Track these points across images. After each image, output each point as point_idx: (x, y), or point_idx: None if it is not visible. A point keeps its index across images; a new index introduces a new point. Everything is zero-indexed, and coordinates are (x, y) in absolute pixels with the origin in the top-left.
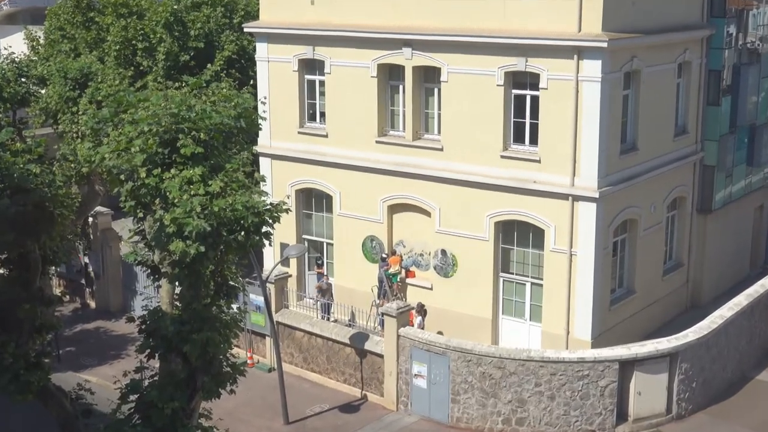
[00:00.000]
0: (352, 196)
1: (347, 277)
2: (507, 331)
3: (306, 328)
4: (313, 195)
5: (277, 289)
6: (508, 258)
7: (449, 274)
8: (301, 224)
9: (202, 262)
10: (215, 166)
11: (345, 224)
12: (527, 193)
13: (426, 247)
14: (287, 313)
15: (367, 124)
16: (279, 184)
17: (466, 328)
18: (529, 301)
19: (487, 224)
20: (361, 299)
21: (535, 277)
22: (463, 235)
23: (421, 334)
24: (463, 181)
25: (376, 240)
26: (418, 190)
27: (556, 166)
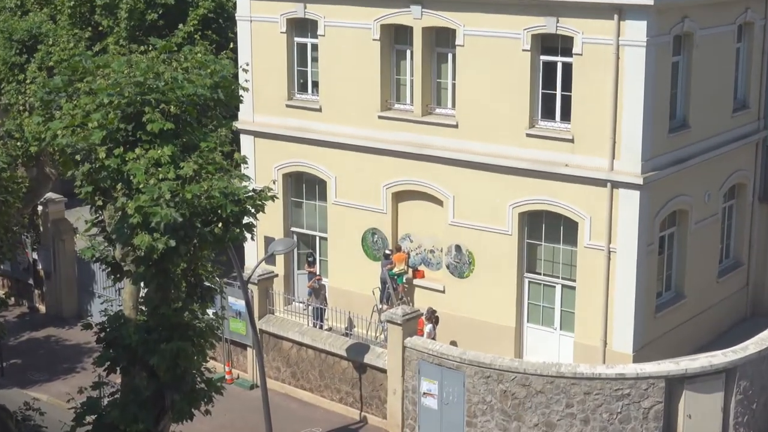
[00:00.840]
0: (349, 181)
1: (344, 277)
2: (533, 342)
3: (295, 338)
4: (303, 180)
5: (260, 292)
6: (534, 255)
7: (465, 274)
8: (289, 215)
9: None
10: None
11: (341, 215)
12: (558, 179)
13: (437, 243)
14: (273, 319)
15: (368, 96)
16: (263, 166)
17: (484, 338)
18: (560, 306)
19: (510, 215)
20: (360, 304)
21: (567, 279)
22: (482, 228)
23: (431, 345)
24: (482, 164)
25: (379, 234)
26: (428, 174)
27: (593, 146)
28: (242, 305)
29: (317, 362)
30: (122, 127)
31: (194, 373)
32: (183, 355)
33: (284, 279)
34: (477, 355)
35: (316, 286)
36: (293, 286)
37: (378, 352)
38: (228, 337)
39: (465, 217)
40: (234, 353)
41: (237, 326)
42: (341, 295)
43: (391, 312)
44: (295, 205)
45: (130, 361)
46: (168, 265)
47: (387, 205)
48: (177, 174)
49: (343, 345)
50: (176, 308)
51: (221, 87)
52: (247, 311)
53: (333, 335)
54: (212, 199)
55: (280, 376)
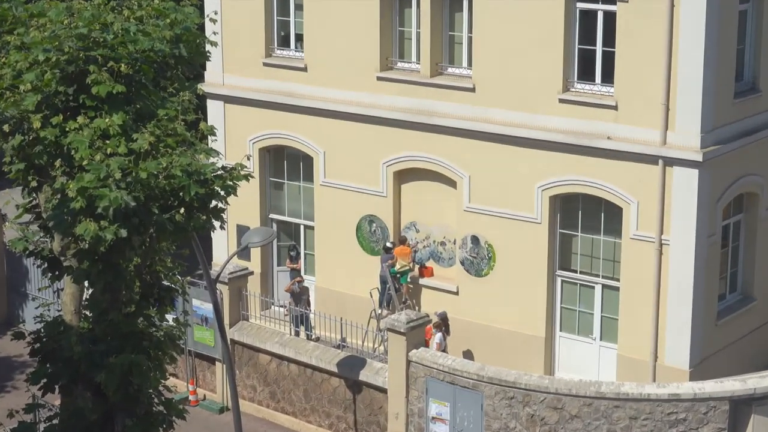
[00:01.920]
0: (341, 157)
1: (335, 276)
2: (567, 355)
3: (274, 350)
4: (285, 156)
5: (232, 293)
6: (569, 248)
7: (483, 271)
8: (267, 198)
9: (123, 252)
10: (142, 112)
11: (332, 199)
12: (597, 154)
13: (450, 233)
14: (247, 327)
15: (365, 52)
16: (235, 139)
17: (507, 350)
18: (600, 311)
19: (539, 199)
20: (355, 308)
21: (609, 277)
22: (504, 215)
23: (441, 360)
24: (504, 136)
25: (377, 222)
26: (438, 149)
27: (640, 114)
28: (209, 310)
29: (302, 380)
30: (61, 90)
31: (150, 392)
32: (136, 371)
33: (261, 277)
34: (498, 372)
35: (296, 290)
36: (272, 286)
37: (376, 367)
38: (192, 349)
39: (483, 201)
40: (199, 369)
41: (203, 335)
42: (331, 298)
43: (393, 318)
44: (275, 187)
45: (71, 377)
46: (118, 260)
47: (387, 187)
48: (129, 148)
49: (334, 359)
50: (128, 313)
51: (183, 41)
52: (215, 317)
53: (321, 347)
54: (172, 179)
55: (257, 397)
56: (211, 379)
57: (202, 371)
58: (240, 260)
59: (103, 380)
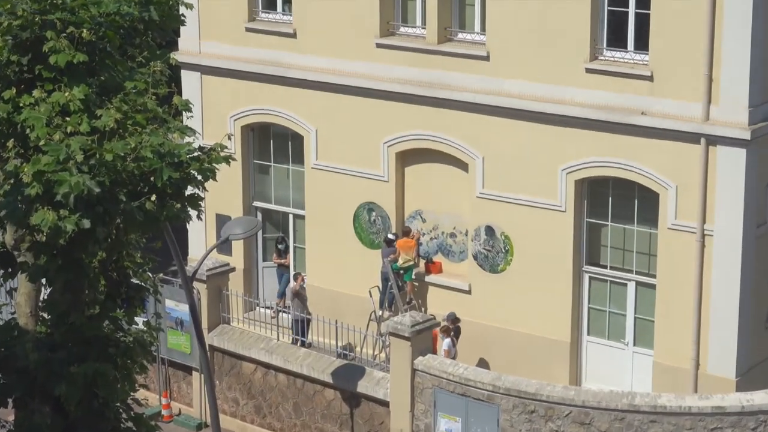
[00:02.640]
0: (336, 136)
1: (328, 272)
2: (596, 362)
3: (260, 357)
4: (271, 135)
5: (211, 293)
6: (597, 240)
7: (499, 267)
8: (251, 184)
9: (86, 245)
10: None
11: (325, 184)
12: (630, 132)
13: (461, 223)
14: (228, 331)
15: (362, 15)
16: (215, 115)
17: (527, 357)
18: (633, 312)
19: (564, 184)
20: (351, 310)
21: (644, 273)
22: (523, 202)
23: (452, 368)
24: (523, 111)
25: (378, 211)
26: (447, 126)
27: (680, 86)
28: (185, 312)
29: (292, 392)
30: (14, 60)
31: (118, 406)
32: (102, 382)
33: (244, 274)
34: (517, 382)
35: (298, 289)
36: (257, 284)
37: (377, 377)
38: (165, 357)
39: (499, 186)
40: (174, 379)
41: (178, 341)
42: (325, 298)
43: (396, 321)
44: (260, 171)
45: (26, 390)
46: (80, 254)
47: (389, 171)
48: (92, 126)
49: (328, 367)
50: (92, 316)
51: (154, 3)
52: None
53: (314, 354)
54: (142, 162)
55: (239, 412)
56: (187, 391)
57: (177, 382)
58: (220, 255)
59: (63, 393)
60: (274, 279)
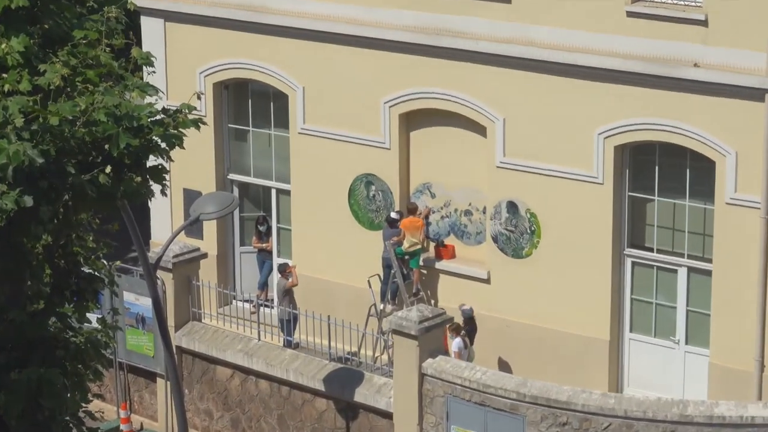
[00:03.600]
0: (328, 95)
1: (319, 259)
2: (640, 364)
3: (238, 361)
4: (249, 93)
5: (178, 284)
6: (641, 219)
7: (524, 251)
8: (225, 153)
9: (27, 227)
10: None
11: (314, 153)
12: (680, 88)
13: (477, 199)
14: (200, 330)
15: None
16: (181, 70)
17: (557, 359)
18: (685, 304)
19: (601, 151)
20: (346, 303)
21: (697, 257)
22: (552, 172)
23: (468, 372)
24: (553, 63)
25: (378, 184)
26: (460, 82)
27: (740, 32)
28: (147, 306)
29: (276, 402)
30: None
31: (67, 420)
32: (48, 391)
33: (218, 262)
34: (545, 388)
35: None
36: (233, 273)
37: (378, 383)
38: (124, 361)
39: (524, 154)
40: (134, 387)
41: (139, 342)
42: (315, 290)
43: (401, 316)
44: (236, 137)
45: None
46: (21, 238)
47: (391, 136)
48: (34, 84)
49: (320, 372)
50: (35, 312)
51: None
52: (155, 317)
53: (302, 357)
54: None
55: (213, 426)
56: (150, 401)
57: (139, 391)
58: (189, 238)
59: (2, 403)
60: (254, 267)
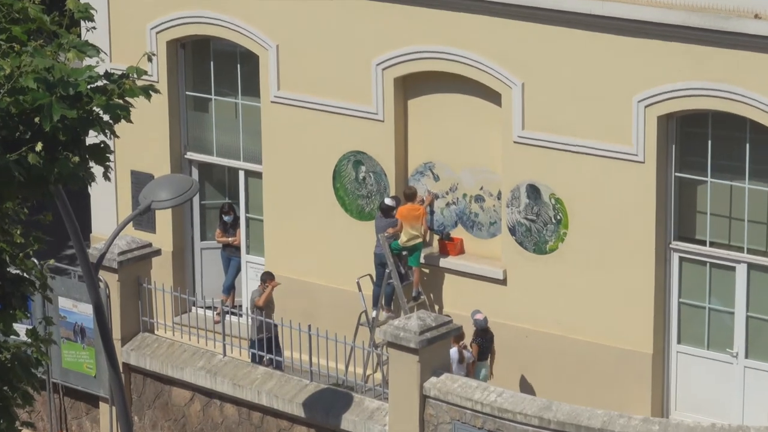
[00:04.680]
0: (307, 56)
1: (298, 256)
2: (690, 381)
3: (198, 381)
4: (211, 54)
5: (125, 287)
6: (691, 204)
7: (548, 245)
8: (182, 127)
9: None
10: None
11: (291, 126)
12: (738, 45)
13: (491, 181)
14: (152, 344)
15: None
16: (127, 26)
17: (589, 376)
18: (745, 309)
19: (640, 122)
20: (331, 309)
21: (759, 252)
22: (582, 149)
23: (478, 393)
24: (582, 15)
25: (369, 164)
26: (468, 39)
27: None
28: (88, 315)
29: (245, 430)
30: None
31: None
32: None
33: (174, 260)
34: (575, 413)
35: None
36: (192, 274)
37: (370, 408)
38: (60, 381)
39: (547, 126)
40: (73, 414)
41: (77, 358)
42: (293, 293)
43: (398, 325)
44: (196, 107)
45: None
46: None
47: (385, 105)
48: None
49: (299, 394)
50: None
51: None
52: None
53: (277, 375)
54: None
55: None
56: (91, 430)
57: (77, 418)
58: (138, 232)
59: None
60: (218, 266)
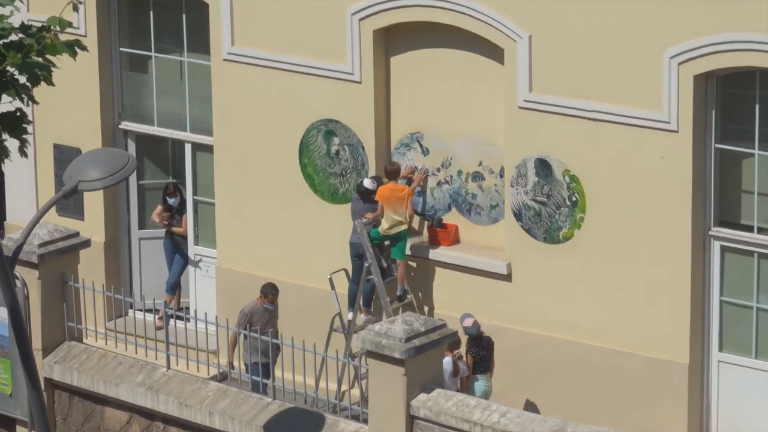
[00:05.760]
0: (267, 4)
1: (258, 247)
2: (733, 395)
3: (137, 401)
4: (150, 2)
5: (48, 286)
6: (735, 184)
7: (561, 232)
8: (115, 92)
9: None
10: None
11: (248, 90)
12: None
13: (492, 155)
14: (80, 355)
15: None
16: None
17: (611, 390)
18: None
19: (673, 82)
20: (298, 311)
21: None
22: (602, 115)
23: (477, 413)
24: None
25: (343, 135)
26: None
27: None
28: (1, 321)
29: None
30: None
31: None
32: None
33: (107, 252)
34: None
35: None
36: (130, 269)
37: (346, 430)
38: None
39: (559, 88)
40: None
41: None
42: (251, 293)
43: (379, 331)
44: (132, 67)
45: None
46: None
47: (363, 63)
48: None
49: (259, 415)
50: None
51: None
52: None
53: (232, 392)
54: None
55: None
56: None
57: None
58: (63, 218)
59: None
60: (161, 258)
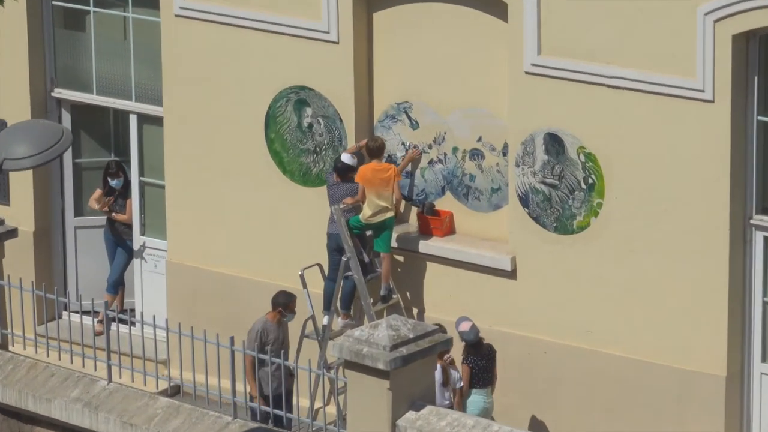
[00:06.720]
0: None
1: (216, 239)
2: None
3: (72, 419)
4: None
5: None
6: None
7: (575, 221)
8: (47, 54)
9: None
10: None
11: (205, 52)
12: None
13: (493, 129)
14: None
15: None
16: None
17: (635, 406)
18: None
19: (708, 44)
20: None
21: None
22: (623, 82)
23: None
24: None
25: (317, 104)
26: None
27: None
28: None
29: None
30: None
31: None
32: None
33: (37, 243)
34: None
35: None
36: (64, 262)
37: None
38: None
39: (573, 51)
40: None
41: None
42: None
43: (359, 337)
44: (67, 24)
45: None
46: None
47: (340, 21)
48: None
49: None
50: None
51: None
52: None
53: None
54: None
55: None
56: None
57: None
58: None
59: None
60: (101, 251)
